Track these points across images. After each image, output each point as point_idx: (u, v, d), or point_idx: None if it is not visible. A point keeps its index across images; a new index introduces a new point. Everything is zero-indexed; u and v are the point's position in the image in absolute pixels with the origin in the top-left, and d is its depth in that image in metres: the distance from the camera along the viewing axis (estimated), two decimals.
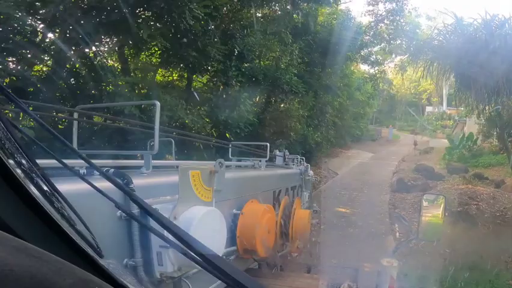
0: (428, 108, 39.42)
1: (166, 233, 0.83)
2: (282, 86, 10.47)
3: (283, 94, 10.98)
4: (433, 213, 2.42)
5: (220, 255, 1.34)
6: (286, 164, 3.62)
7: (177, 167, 1.54)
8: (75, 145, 1.70)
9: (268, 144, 2.96)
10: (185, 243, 0.77)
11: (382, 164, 18.09)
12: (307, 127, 13.60)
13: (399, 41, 21.14)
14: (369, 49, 19.03)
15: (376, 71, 21.08)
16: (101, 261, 0.68)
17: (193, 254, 0.76)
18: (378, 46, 20.67)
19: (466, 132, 20.36)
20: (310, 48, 13.06)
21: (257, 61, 10.23)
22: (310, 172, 3.95)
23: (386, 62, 24.95)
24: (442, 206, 2.43)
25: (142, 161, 1.53)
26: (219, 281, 0.74)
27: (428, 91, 40.87)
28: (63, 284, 0.47)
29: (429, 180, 12.85)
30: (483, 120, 18.61)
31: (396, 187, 12.30)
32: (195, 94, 8.56)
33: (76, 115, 1.84)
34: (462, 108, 31.05)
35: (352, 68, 20.40)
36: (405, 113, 39.72)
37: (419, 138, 26.01)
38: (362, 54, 18.19)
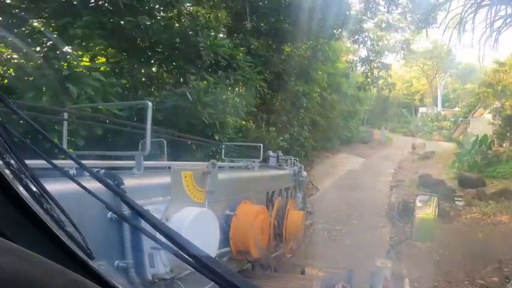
0: (422, 109, 39.50)
1: (157, 235, 0.83)
2: (200, 55, 6.00)
3: (201, 69, 6.24)
4: (426, 211, 2.43)
5: (213, 256, 1.33)
6: (279, 165, 3.63)
7: (169, 168, 1.53)
8: (65, 146, 1.69)
9: (261, 145, 2.96)
10: (177, 244, 0.77)
11: (376, 172, 15.37)
12: (266, 126, 9.56)
13: (401, 10, 15.17)
14: (361, 24, 14.15)
15: (370, 50, 16.44)
16: (92, 263, 0.68)
17: (185, 255, 0.75)
18: (372, 21, 15.56)
19: (472, 134, 17.45)
20: (277, 14, 9.28)
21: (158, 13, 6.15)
22: (304, 173, 3.97)
23: (382, 43, 19.39)
24: (434, 204, 2.45)
25: (133, 162, 1.52)
26: (212, 283, 0.74)
27: (420, 92, 41.21)
28: (54, 286, 0.47)
29: (442, 201, 8.49)
30: (499, 120, 15.92)
31: (397, 213, 8.64)
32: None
33: (65, 115, 1.82)
34: (458, 109, 30.62)
35: (342, 58, 17.73)
36: (398, 114, 39.76)
37: (414, 141, 25.82)
38: (352, 29, 13.53)
